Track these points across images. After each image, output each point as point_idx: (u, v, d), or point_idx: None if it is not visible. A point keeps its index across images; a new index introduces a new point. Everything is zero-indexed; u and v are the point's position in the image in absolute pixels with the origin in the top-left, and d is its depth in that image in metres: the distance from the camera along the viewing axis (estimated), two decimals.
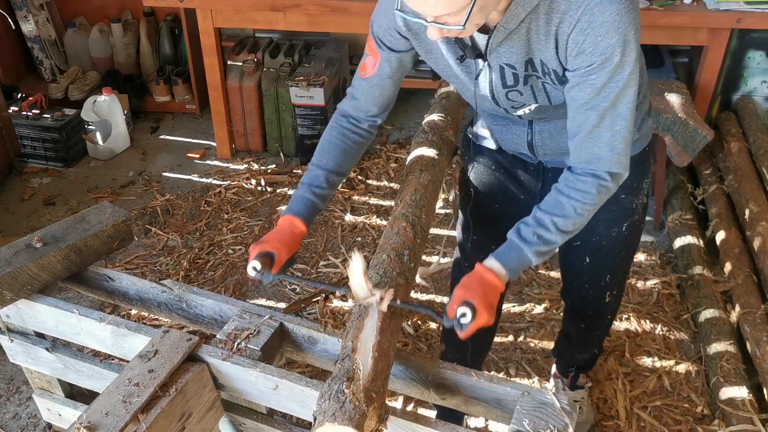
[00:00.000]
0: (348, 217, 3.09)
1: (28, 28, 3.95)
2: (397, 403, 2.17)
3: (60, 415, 1.89)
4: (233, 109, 3.51)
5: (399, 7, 1.21)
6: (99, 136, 3.55)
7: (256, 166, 3.50)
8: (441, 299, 2.64)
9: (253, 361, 1.40)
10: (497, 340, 2.41)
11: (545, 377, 2.31)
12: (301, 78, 3.29)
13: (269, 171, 3.45)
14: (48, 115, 3.53)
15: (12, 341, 1.74)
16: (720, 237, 2.69)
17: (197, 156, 3.62)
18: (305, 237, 1.50)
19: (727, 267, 2.56)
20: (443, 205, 3.14)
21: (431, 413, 2.15)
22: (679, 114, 2.67)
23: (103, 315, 1.56)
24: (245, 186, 3.33)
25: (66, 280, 1.72)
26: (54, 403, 1.87)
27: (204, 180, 3.42)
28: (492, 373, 1.40)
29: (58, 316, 1.60)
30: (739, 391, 2.11)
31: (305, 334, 1.49)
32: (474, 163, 1.73)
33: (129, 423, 1.29)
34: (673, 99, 2.73)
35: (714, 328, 2.35)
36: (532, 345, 2.44)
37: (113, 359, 1.83)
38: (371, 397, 1.15)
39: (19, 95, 3.65)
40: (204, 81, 3.48)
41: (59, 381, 1.83)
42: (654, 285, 2.67)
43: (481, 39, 1.31)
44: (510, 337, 2.47)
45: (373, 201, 3.21)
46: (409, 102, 3.85)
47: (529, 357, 2.40)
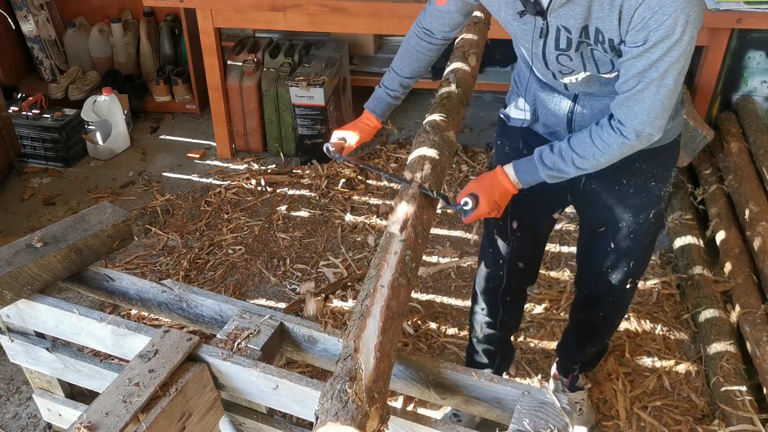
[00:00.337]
0: (348, 217, 3.09)
1: (28, 28, 3.95)
2: (398, 403, 2.17)
3: (60, 415, 1.89)
4: (233, 109, 3.51)
5: None
6: (99, 136, 3.55)
7: (256, 166, 3.50)
8: (441, 299, 2.64)
9: (253, 361, 1.40)
10: None
11: (545, 377, 2.31)
12: (301, 78, 3.29)
13: (269, 171, 3.45)
14: (48, 115, 3.53)
15: (12, 341, 1.74)
16: (720, 237, 2.69)
17: (197, 156, 3.62)
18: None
19: (727, 267, 2.56)
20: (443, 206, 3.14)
21: (431, 413, 2.15)
22: None
23: (103, 315, 1.56)
24: (245, 186, 3.33)
25: (66, 280, 1.72)
26: (54, 403, 1.87)
27: (204, 180, 3.42)
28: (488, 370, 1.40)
29: (58, 316, 1.60)
30: (739, 391, 2.11)
31: (305, 333, 1.49)
32: (505, 149, 1.79)
33: (129, 423, 1.29)
34: None
35: (714, 328, 2.35)
36: (532, 345, 2.44)
37: (113, 359, 1.83)
38: (373, 398, 1.15)
39: (19, 95, 3.65)
40: (204, 81, 3.48)
41: (59, 381, 1.83)
42: (654, 285, 2.67)
43: None
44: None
45: (373, 201, 3.21)
46: (409, 102, 3.85)
47: (529, 357, 2.40)
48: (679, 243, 2.76)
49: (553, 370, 2.22)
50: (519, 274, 1.91)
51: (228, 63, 3.46)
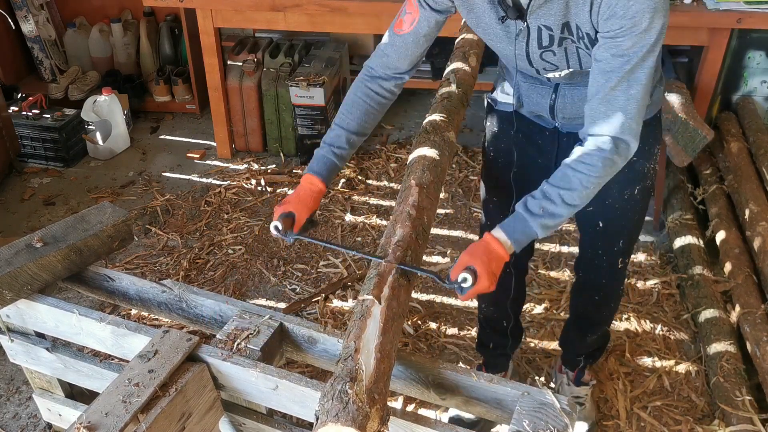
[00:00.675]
0: (348, 217, 3.09)
1: (28, 28, 3.95)
2: (397, 404, 2.17)
3: (60, 415, 1.89)
4: (233, 109, 3.51)
5: None
6: (99, 136, 3.55)
7: (256, 166, 3.50)
8: (441, 299, 2.64)
9: (253, 361, 1.40)
10: None
11: (547, 378, 2.31)
12: (301, 78, 3.29)
13: (269, 171, 3.45)
14: (48, 115, 3.53)
15: (12, 341, 1.74)
16: (720, 237, 2.69)
17: (197, 156, 3.62)
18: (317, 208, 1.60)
19: (727, 267, 2.56)
20: (444, 206, 3.14)
21: (432, 413, 2.15)
22: (679, 114, 2.67)
23: (103, 315, 1.56)
24: (245, 186, 3.33)
25: (66, 280, 1.72)
26: (54, 403, 1.87)
27: (204, 180, 3.42)
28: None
29: (58, 316, 1.60)
30: (739, 391, 2.11)
31: (305, 334, 1.49)
32: (494, 129, 1.80)
33: (129, 423, 1.29)
34: (673, 99, 2.73)
35: (714, 328, 2.35)
36: (531, 345, 2.44)
37: (113, 359, 1.83)
38: (374, 399, 1.14)
39: (19, 95, 3.65)
40: (204, 81, 3.48)
41: (59, 381, 1.83)
42: (654, 285, 2.67)
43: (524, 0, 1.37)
44: None
45: (373, 201, 3.21)
46: (409, 102, 3.85)
47: (529, 357, 2.40)
48: (679, 243, 2.76)
49: (559, 362, 2.22)
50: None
51: (228, 63, 3.46)
